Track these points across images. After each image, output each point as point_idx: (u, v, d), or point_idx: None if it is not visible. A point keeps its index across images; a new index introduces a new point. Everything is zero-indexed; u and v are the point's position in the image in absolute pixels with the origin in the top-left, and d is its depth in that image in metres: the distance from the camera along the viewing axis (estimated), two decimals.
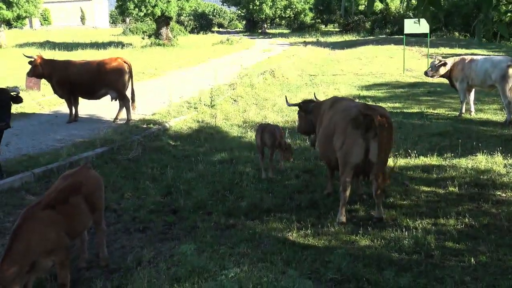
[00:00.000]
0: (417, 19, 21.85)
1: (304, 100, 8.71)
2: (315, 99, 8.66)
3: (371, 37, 46.82)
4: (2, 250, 6.09)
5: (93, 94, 13.24)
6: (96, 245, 5.94)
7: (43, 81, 15.28)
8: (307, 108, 8.30)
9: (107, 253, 5.91)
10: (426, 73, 13.87)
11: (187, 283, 5.04)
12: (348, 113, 6.75)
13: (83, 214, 5.29)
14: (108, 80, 12.86)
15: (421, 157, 9.38)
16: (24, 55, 14.03)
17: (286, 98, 9.59)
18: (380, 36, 48.02)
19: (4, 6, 39.44)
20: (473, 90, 13.20)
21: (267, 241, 6.19)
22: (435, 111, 14.00)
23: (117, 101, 13.26)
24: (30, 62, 13.06)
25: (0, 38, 41.87)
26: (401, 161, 9.28)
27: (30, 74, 13.38)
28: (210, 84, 18.13)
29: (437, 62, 13.44)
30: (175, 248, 5.99)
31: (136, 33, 55.83)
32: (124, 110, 13.30)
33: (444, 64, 13.23)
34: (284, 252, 5.75)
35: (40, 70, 12.99)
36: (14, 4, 39.84)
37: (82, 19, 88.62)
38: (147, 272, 5.29)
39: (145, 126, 12.72)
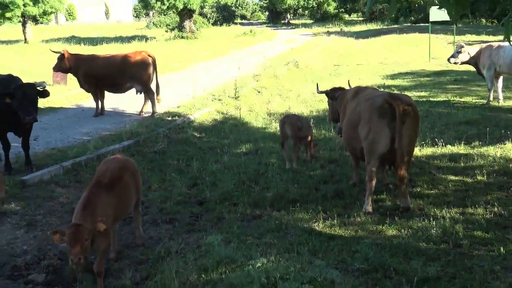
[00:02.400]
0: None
1: (333, 87, 8.66)
2: (349, 86, 8.62)
3: (396, 26, 46.25)
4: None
5: (119, 87, 13.37)
6: (134, 224, 6.23)
7: (69, 75, 15.48)
8: (334, 96, 8.28)
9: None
10: (448, 60, 13.69)
11: (214, 273, 5.09)
12: (373, 102, 6.70)
13: (131, 193, 5.60)
14: (133, 73, 12.97)
15: (448, 146, 9.26)
16: (51, 50, 14.20)
17: (317, 85, 9.56)
18: (405, 25, 47.46)
19: (30, 2, 39.88)
20: (501, 77, 12.95)
21: (293, 231, 6.20)
22: (462, 99, 13.80)
23: (142, 94, 13.37)
24: (58, 57, 13.22)
25: (27, 34, 42.42)
26: (428, 150, 9.19)
27: (56, 68, 13.54)
28: (233, 75, 18.14)
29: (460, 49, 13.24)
30: (202, 239, 6.04)
31: (160, 26, 56.07)
32: (149, 103, 13.41)
33: (460, 52, 13.04)
34: (310, 242, 5.76)
35: (67, 64, 13.14)
36: (40, 0, 40.32)
37: (107, 13, 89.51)
38: (175, 262, 5.34)
39: (170, 118, 12.81)
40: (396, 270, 5.01)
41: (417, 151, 8.76)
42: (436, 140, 9.51)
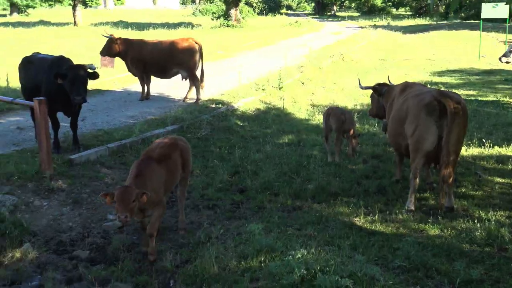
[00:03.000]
0: (495, 3, 20.83)
1: (378, 83, 8.54)
2: (389, 83, 8.48)
3: (445, 22, 45.25)
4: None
5: (165, 73, 13.53)
6: (178, 207, 6.41)
7: (117, 59, 15.71)
8: (381, 91, 8.15)
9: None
10: (500, 59, 13.26)
11: (254, 261, 5.12)
12: (421, 98, 6.58)
13: (178, 170, 5.88)
14: (179, 59, 13.10)
15: (496, 147, 9.05)
16: (103, 35, 14.29)
17: (359, 80, 9.45)
18: (455, 21, 46.32)
19: None
20: None
21: (333, 224, 6.17)
22: None
23: (187, 80, 13.50)
24: (107, 41, 13.39)
25: (76, 17, 43.36)
26: (475, 151, 8.99)
27: (104, 53, 13.74)
28: (278, 66, 18.11)
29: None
30: (243, 227, 6.08)
31: (206, 14, 56.37)
32: (194, 89, 13.53)
33: None
34: (351, 237, 5.72)
35: (116, 49, 13.33)
36: None
37: (154, 0, 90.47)
38: (215, 248, 5.40)
39: (213, 106, 12.89)
40: (438, 270, 4.93)
41: (463, 151, 8.57)
42: (484, 140, 9.29)
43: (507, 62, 13.16)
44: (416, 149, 6.56)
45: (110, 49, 13.44)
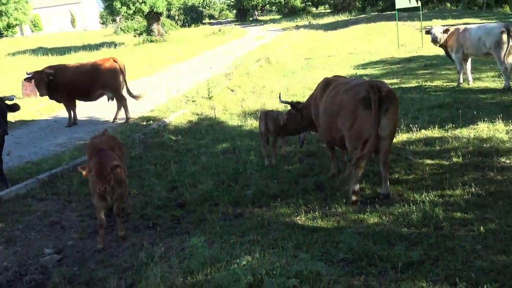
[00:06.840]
0: None
1: (292, 101, 8.82)
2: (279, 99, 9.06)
3: (363, 15, 46.60)
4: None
5: (89, 96, 13.20)
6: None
7: None
8: (297, 106, 8.46)
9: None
10: (434, 42, 13.32)
11: (200, 275, 5.04)
12: (356, 92, 6.67)
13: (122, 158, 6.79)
14: (103, 81, 12.82)
15: (423, 131, 9.37)
16: (26, 76, 13.41)
17: (279, 95, 9.65)
18: (372, 14, 47.78)
19: None
20: (470, 59, 13.10)
21: (276, 227, 6.19)
22: (433, 84, 13.95)
23: (114, 101, 13.23)
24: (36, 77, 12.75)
25: None
26: (403, 136, 9.28)
27: (43, 91, 12.76)
28: (206, 76, 18.07)
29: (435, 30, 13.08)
30: (186, 242, 6.00)
31: (128, 31, 55.53)
32: (122, 109, 13.28)
33: (446, 31, 12.96)
34: (294, 236, 5.75)
35: (46, 79, 12.64)
36: (3, 14, 39.75)
37: (73, 22, 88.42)
38: (159, 267, 5.28)
39: (144, 123, 12.71)
40: (380, 257, 5.04)
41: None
42: (410, 125, 9.61)
43: (435, 40, 13.18)
44: (357, 138, 6.63)
45: (44, 84, 12.64)
